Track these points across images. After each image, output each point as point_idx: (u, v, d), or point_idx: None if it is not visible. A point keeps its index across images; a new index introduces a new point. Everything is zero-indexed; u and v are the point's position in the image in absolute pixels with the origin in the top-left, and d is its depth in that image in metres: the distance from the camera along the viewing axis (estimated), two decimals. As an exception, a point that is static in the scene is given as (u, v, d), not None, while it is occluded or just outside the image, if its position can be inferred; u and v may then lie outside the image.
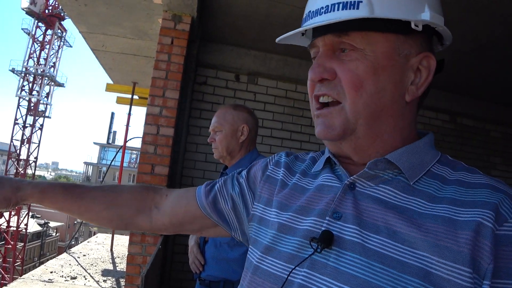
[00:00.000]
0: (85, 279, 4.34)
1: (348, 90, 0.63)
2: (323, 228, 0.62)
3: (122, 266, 5.04)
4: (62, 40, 24.67)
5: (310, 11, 0.66)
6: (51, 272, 4.43)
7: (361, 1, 0.60)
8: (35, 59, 23.59)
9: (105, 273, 4.65)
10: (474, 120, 4.63)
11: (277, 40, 0.72)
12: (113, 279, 4.44)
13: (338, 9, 0.61)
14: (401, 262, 0.54)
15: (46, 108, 24.64)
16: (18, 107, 23.48)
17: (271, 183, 0.79)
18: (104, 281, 4.36)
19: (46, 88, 24.47)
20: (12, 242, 22.27)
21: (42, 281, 4.04)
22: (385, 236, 0.57)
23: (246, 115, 1.85)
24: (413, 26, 0.60)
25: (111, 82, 6.48)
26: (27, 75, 23.46)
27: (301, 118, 3.96)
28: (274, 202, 0.75)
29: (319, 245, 0.60)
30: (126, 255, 3.00)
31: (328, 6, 0.62)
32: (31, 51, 23.46)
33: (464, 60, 3.55)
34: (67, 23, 24.74)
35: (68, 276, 4.32)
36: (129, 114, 6.98)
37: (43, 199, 0.86)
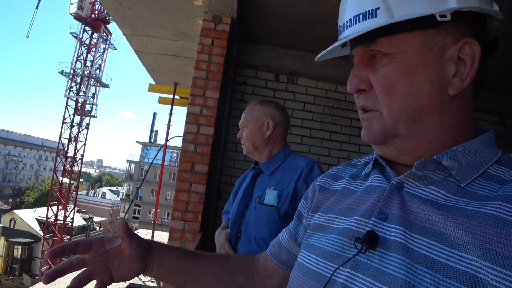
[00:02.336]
0: (127, 273, 4.48)
1: (382, 97, 0.62)
2: (367, 229, 0.61)
3: (161, 262, 5.16)
4: (107, 43, 25.72)
5: (339, 26, 0.67)
6: (95, 265, 4.61)
7: (378, 8, 0.59)
8: (82, 62, 24.77)
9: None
10: (526, 121, 4.37)
11: (316, 58, 0.72)
12: (153, 274, 4.55)
13: (359, 21, 0.61)
14: (447, 266, 0.51)
15: (92, 108, 25.83)
16: (66, 107, 24.75)
17: (320, 192, 0.81)
18: (144, 275, 4.48)
19: (92, 89, 25.66)
20: (59, 235, 23.43)
21: (87, 273, 4.21)
22: (432, 238, 0.54)
23: (272, 110, 1.84)
24: (438, 18, 0.56)
25: (153, 82, 6.66)
26: (75, 76, 24.66)
27: (341, 118, 3.90)
28: (322, 208, 0.76)
29: (364, 246, 0.58)
30: (166, 251, 3.06)
31: (351, 19, 0.62)
32: (79, 54, 24.67)
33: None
34: (112, 26, 25.68)
35: (111, 269, 4.48)
36: (171, 113, 7.14)
37: (164, 253, 0.85)
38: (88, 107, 25.67)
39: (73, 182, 25.22)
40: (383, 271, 0.56)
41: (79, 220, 32.43)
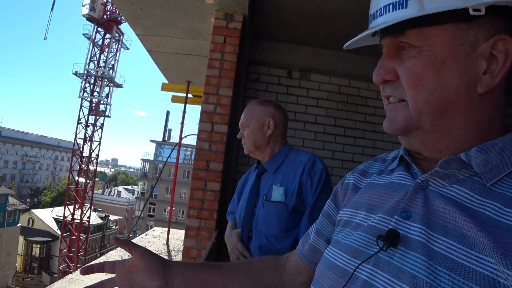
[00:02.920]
0: (144, 270, 4.53)
1: (408, 89, 0.60)
2: (390, 227, 0.61)
3: (177, 259, 5.21)
4: (120, 43, 25.97)
5: (370, 15, 0.66)
6: (113, 263, 4.67)
7: None
8: (96, 62, 25.07)
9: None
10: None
11: (345, 46, 0.71)
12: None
13: (389, 11, 0.59)
14: (466, 267, 0.50)
15: (106, 108, 26.15)
16: (80, 108, 25.11)
17: (346, 188, 0.82)
18: None
19: (106, 89, 25.97)
20: (76, 234, 23.82)
21: (105, 271, 4.28)
22: (453, 239, 0.53)
23: (272, 109, 1.85)
24: (471, 12, 0.53)
25: (166, 81, 6.69)
26: (89, 77, 24.98)
27: (355, 113, 3.88)
28: (348, 203, 0.77)
29: (385, 243, 0.59)
30: (181, 248, 3.09)
31: (381, 8, 0.61)
32: (92, 55, 24.97)
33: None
34: (124, 26, 25.88)
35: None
36: (184, 112, 7.19)
37: (185, 270, 0.88)
38: (102, 107, 26.00)
39: (88, 181, 25.59)
40: (403, 269, 0.56)
41: (95, 219, 32.92)
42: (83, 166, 25.01)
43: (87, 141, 25.26)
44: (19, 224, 29.42)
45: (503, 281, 0.47)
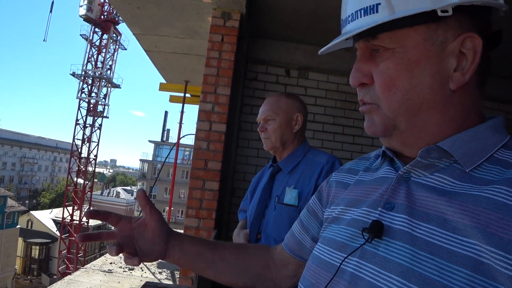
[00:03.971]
0: (142, 270, 4.52)
1: (382, 92, 0.62)
2: (373, 219, 0.63)
3: (177, 259, 5.21)
4: (117, 43, 25.93)
5: (342, 20, 0.67)
6: (111, 263, 4.66)
7: (380, 3, 0.58)
8: (93, 63, 25.00)
9: (161, 265, 4.82)
10: (544, 110, 4.27)
11: (319, 52, 0.72)
12: (168, 271, 4.59)
13: (361, 16, 0.61)
14: (449, 251, 0.52)
15: (104, 109, 26.11)
16: (78, 109, 25.05)
17: (334, 187, 0.83)
18: (160, 273, 4.52)
19: (104, 90, 25.90)
20: (75, 235, 23.76)
21: (103, 271, 4.27)
22: (434, 224, 0.55)
23: (299, 104, 1.75)
24: (439, 13, 0.56)
25: (164, 81, 6.68)
26: (86, 78, 24.93)
27: (353, 112, 3.87)
28: (337, 201, 0.79)
29: (370, 235, 0.60)
30: (181, 249, 3.08)
31: (352, 14, 0.63)
32: (89, 55, 24.91)
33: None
34: (122, 27, 25.88)
35: (126, 267, 4.53)
36: (182, 112, 7.17)
37: (184, 239, 0.91)
38: (100, 108, 25.96)
39: (87, 182, 25.54)
40: (388, 259, 0.57)
41: (94, 220, 32.85)
42: (82, 167, 24.97)
43: (86, 142, 25.21)
44: (18, 226, 29.34)
45: (485, 260, 0.49)
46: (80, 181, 25.34)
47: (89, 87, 25.15)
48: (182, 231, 3.52)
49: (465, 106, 0.62)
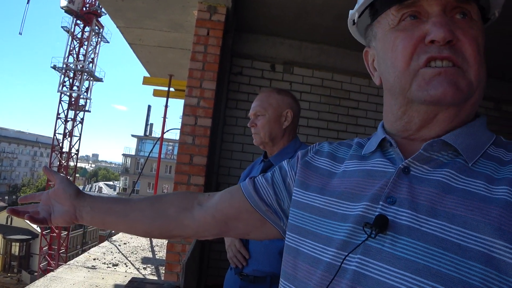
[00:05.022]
0: (126, 266, 4.48)
1: (473, 58, 0.59)
2: (376, 213, 0.59)
3: (161, 254, 5.17)
4: (100, 36, 25.47)
5: None
6: (94, 259, 4.61)
7: None
8: (75, 56, 24.53)
9: (145, 260, 4.79)
10: (522, 107, 4.38)
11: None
12: (153, 267, 4.56)
13: None
14: (461, 246, 0.51)
15: (86, 103, 25.68)
16: (60, 102, 24.56)
17: (313, 170, 0.77)
18: (144, 268, 4.49)
19: (86, 83, 25.47)
20: (56, 231, 23.40)
21: (86, 268, 4.21)
22: (443, 219, 0.54)
23: (290, 100, 1.76)
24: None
25: (147, 75, 6.60)
26: (68, 71, 24.45)
27: (338, 107, 3.90)
28: (320, 189, 0.72)
29: (373, 230, 0.57)
30: (165, 243, 3.07)
31: None
32: (71, 48, 24.43)
33: (509, 44, 3.36)
34: (104, 19, 25.45)
35: (110, 263, 4.48)
36: (166, 106, 7.11)
37: (93, 201, 0.91)
38: (82, 102, 25.51)
39: (69, 177, 25.06)
40: (398, 255, 0.55)
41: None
42: (63, 162, 24.53)
43: (67, 137, 24.76)
44: (-3, 222, 28.75)
45: (497, 255, 0.49)
46: (62, 176, 24.87)
47: (71, 80, 24.67)
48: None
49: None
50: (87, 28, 24.59)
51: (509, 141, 0.63)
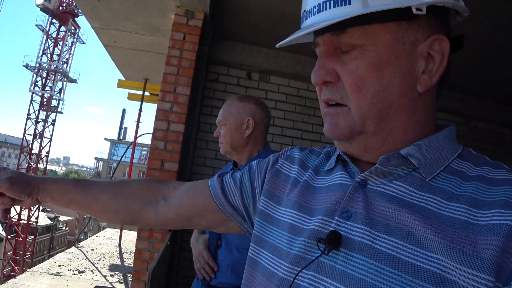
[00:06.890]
0: (93, 273, 4.36)
1: (352, 93, 0.58)
2: (331, 228, 0.58)
3: (129, 261, 5.05)
4: (75, 36, 24.93)
5: (304, 11, 0.62)
6: (59, 266, 4.46)
7: None
8: (49, 55, 23.88)
9: (113, 268, 4.67)
10: (489, 123, 4.53)
11: (277, 45, 0.68)
12: (121, 274, 4.45)
13: (330, 7, 0.56)
14: (414, 266, 0.50)
15: (58, 104, 24.96)
16: (31, 102, 23.79)
17: (282, 179, 0.75)
18: (112, 276, 4.37)
19: (59, 84, 24.79)
20: (22, 235, 22.57)
21: (50, 274, 4.07)
22: (398, 237, 0.53)
23: (252, 107, 1.70)
24: (414, 11, 0.53)
25: (122, 78, 6.52)
26: (41, 70, 23.77)
27: (312, 117, 3.93)
28: (284, 201, 0.71)
29: (326, 246, 0.56)
30: (134, 251, 3.00)
31: (320, 4, 0.58)
32: (45, 47, 23.77)
33: (478, 61, 3.48)
34: (81, 20, 24.98)
35: (76, 270, 4.34)
36: (140, 110, 7.00)
37: (55, 190, 0.87)
38: (54, 103, 24.79)
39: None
40: (348, 273, 0.54)
41: (44, 220, 31.34)
42: (32, 164, 23.74)
43: (37, 138, 24.01)
44: (-42, 225, 27.49)
45: (451, 276, 0.48)
46: (30, 178, 24.07)
47: (43, 80, 24.00)
48: (136, 233, 3.42)
49: (427, 112, 0.61)
50: (62, 28, 24.02)
51: (478, 154, 0.61)
